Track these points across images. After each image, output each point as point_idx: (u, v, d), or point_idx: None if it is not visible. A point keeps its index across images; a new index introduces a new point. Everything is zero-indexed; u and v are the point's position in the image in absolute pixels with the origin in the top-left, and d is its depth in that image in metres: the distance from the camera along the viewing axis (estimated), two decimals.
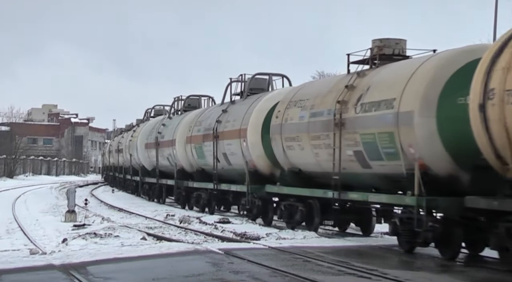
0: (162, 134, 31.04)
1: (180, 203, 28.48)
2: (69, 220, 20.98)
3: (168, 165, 29.87)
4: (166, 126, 31.19)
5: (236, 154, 21.49)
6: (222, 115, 23.19)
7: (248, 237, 16.53)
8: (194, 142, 25.53)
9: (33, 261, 12.36)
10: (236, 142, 21.49)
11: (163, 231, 18.52)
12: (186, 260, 12.65)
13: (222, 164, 22.92)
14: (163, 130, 31.23)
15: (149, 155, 33.77)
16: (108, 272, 11.22)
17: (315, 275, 10.51)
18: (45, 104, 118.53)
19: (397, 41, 15.93)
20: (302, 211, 17.54)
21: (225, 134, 22.51)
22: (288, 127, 17.80)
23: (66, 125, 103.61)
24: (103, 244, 15.10)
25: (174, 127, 29.19)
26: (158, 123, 32.95)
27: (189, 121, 27.13)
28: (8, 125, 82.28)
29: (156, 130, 32.08)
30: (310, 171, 17.34)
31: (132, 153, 38.10)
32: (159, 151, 31.17)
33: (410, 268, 11.69)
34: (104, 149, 66.97)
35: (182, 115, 30.02)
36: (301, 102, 17.53)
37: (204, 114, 25.94)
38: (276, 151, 18.73)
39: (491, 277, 11.17)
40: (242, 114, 21.38)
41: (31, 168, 75.12)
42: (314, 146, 16.55)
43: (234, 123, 21.86)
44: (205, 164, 24.67)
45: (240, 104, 22.88)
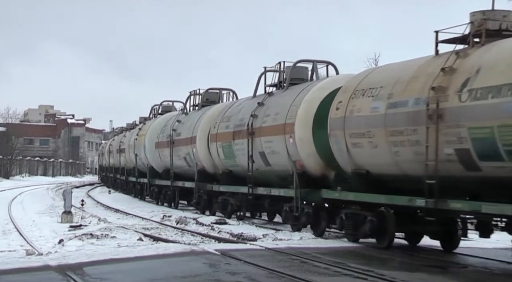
0: (178, 132, 27.94)
1: (200, 207, 25.32)
2: (66, 221, 20.95)
3: (185, 166, 27.19)
4: (182, 123, 28.02)
5: (279, 152, 18.47)
6: (259, 109, 20.03)
7: (244, 238, 16.53)
8: (221, 139, 22.41)
9: (30, 262, 12.34)
10: (278, 139, 18.42)
11: (159, 232, 18.52)
12: (182, 261, 12.65)
13: (258, 164, 19.87)
14: (178, 128, 28.16)
15: (160, 154, 30.62)
16: (104, 273, 11.21)
17: (312, 276, 10.51)
18: (42, 105, 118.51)
19: (504, 13, 12.97)
20: (372, 221, 14.35)
21: (263, 130, 19.39)
22: (354, 121, 14.82)
23: (63, 126, 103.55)
24: (99, 245, 15.08)
25: (192, 123, 26.16)
26: (171, 120, 29.84)
27: (213, 116, 24.09)
28: (5, 126, 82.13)
29: (170, 128, 28.95)
30: (382, 173, 14.33)
31: (139, 153, 35.03)
32: (174, 150, 28.09)
33: (406, 269, 11.70)
34: (102, 149, 62.23)
35: (202, 110, 26.64)
36: (372, 91, 14.50)
37: (233, 109, 22.72)
38: (335, 149, 15.73)
39: (487, 278, 11.18)
40: (286, 106, 18.31)
41: (27, 168, 75.08)
42: (394, 143, 13.51)
43: (276, 117, 18.80)
44: (235, 164, 21.73)
45: (280, 96, 19.75)
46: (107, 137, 69.12)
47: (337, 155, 15.77)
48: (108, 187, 50.65)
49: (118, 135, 49.37)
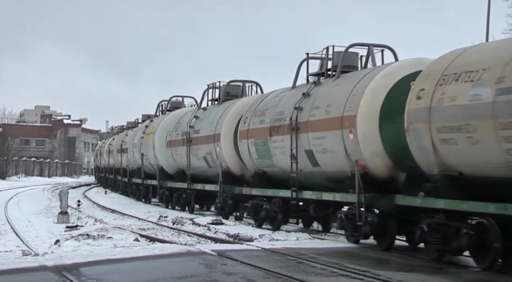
0: (196, 129, 25.18)
1: (224, 213, 22.61)
2: (62, 221, 20.93)
3: (204, 167, 24.57)
4: (200, 119, 25.22)
5: (333, 151, 15.70)
6: (304, 101, 17.32)
7: (241, 239, 16.53)
8: (254, 136, 19.68)
9: (26, 262, 12.33)
10: (333, 135, 15.61)
11: (156, 233, 18.50)
12: (179, 261, 12.64)
13: (303, 164, 17.15)
14: (196, 124, 25.34)
15: (173, 154, 27.83)
16: (101, 273, 11.21)
17: (308, 277, 10.51)
18: (38, 106, 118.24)
19: None
20: (469, 235, 11.83)
21: (311, 125, 16.67)
22: (445, 112, 12.15)
23: (59, 126, 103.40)
24: (96, 245, 15.07)
25: (214, 119, 23.41)
26: (186, 117, 27.22)
27: (241, 111, 21.74)
28: (0, 127, 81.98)
29: (186, 125, 26.13)
30: (484, 175, 11.67)
31: (145, 153, 32.12)
32: (191, 149, 25.32)
33: (403, 270, 11.71)
34: (100, 148, 58.94)
35: (225, 105, 23.91)
36: (470, 75, 11.84)
37: (268, 101, 19.98)
38: (415, 146, 12.94)
39: (483, 278, 11.19)
40: (342, 97, 15.61)
41: (23, 169, 74.97)
42: (506, 138, 10.89)
43: (329, 109, 16.03)
44: (271, 164, 19.06)
45: (332, 85, 16.98)
46: (103, 138, 68.67)
47: (416, 153, 12.96)
48: (104, 188, 50.59)
49: (118, 134, 47.31)
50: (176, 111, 30.97)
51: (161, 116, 32.64)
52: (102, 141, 64.14)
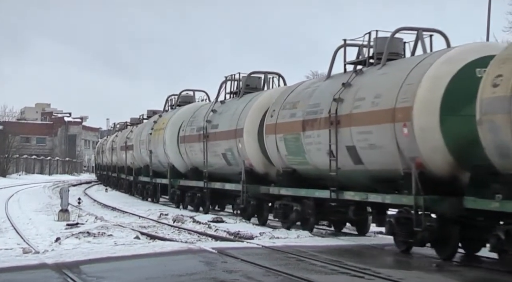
0: (214, 124, 23.27)
1: (246, 215, 20.84)
2: (62, 219, 20.94)
3: (222, 164, 22.72)
4: (219, 113, 23.36)
5: (381, 147, 13.95)
6: (345, 91, 15.46)
7: (241, 236, 16.53)
8: (283, 131, 17.95)
9: (26, 260, 12.33)
10: (382, 129, 13.84)
11: (156, 230, 18.51)
12: (179, 259, 12.65)
13: (343, 162, 15.40)
14: (214, 119, 23.45)
15: (187, 151, 26.05)
16: (101, 271, 11.21)
17: (309, 274, 10.52)
18: (38, 103, 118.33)
19: None
20: None
21: (355, 118, 14.86)
22: None
23: (59, 124, 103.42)
24: (96, 243, 15.08)
25: (236, 113, 21.52)
26: (201, 111, 25.48)
27: (266, 103, 20.03)
28: (1, 124, 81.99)
29: (202, 119, 24.27)
30: None
31: (154, 150, 30.42)
32: (209, 146, 23.43)
33: (403, 267, 11.72)
34: (102, 146, 56.72)
35: (246, 97, 22.12)
36: None
37: (300, 93, 18.04)
38: (490, 141, 11.17)
39: (484, 276, 11.20)
40: (393, 86, 13.70)
41: (24, 167, 74.97)
42: None
43: (376, 101, 14.17)
44: (303, 162, 17.25)
45: (377, 74, 15.03)
46: (104, 135, 68.43)
47: (491, 148, 11.17)
48: (105, 186, 50.58)
49: (122, 131, 45.88)
50: (188, 105, 29.24)
51: (171, 111, 30.82)
52: (104, 138, 62.18)
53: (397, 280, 10.07)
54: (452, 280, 10.27)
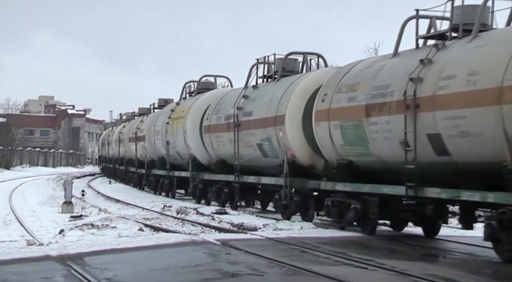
0: (247, 111, 20.83)
1: (287, 212, 18.35)
2: (66, 211, 20.97)
3: (256, 155, 20.28)
4: (252, 99, 20.93)
5: (481, 134, 11.74)
6: (425, 70, 13.26)
7: (245, 228, 16.54)
8: (339, 117, 15.68)
9: (30, 252, 12.37)
10: (482, 113, 11.63)
11: (160, 222, 18.54)
12: (183, 251, 12.67)
13: (421, 153, 13.23)
14: (247, 105, 21.00)
15: (212, 141, 23.66)
16: (105, 263, 11.23)
17: (312, 266, 10.52)
18: (42, 96, 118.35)
19: None
20: None
21: (441, 100, 12.61)
22: None
23: (63, 116, 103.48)
24: (100, 235, 15.10)
25: (275, 99, 19.09)
26: (231, 97, 22.97)
27: (312, 87, 17.91)
28: (5, 117, 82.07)
29: (232, 106, 21.76)
30: None
31: (173, 140, 28.12)
32: (241, 135, 21.03)
33: (406, 259, 11.71)
34: (108, 137, 53.86)
35: (285, 81, 19.78)
36: None
37: (358, 74, 15.66)
38: None
39: (488, 267, 11.20)
40: (497, 61, 11.57)
41: (28, 159, 75.08)
42: None
43: (473, 79, 11.92)
44: (365, 153, 14.89)
45: (469, 47, 12.82)
46: (107, 127, 68.14)
47: None
48: (108, 178, 50.62)
49: (129, 121, 43.92)
50: (212, 92, 27.02)
51: (191, 99, 28.30)
52: (109, 129, 60.22)
53: (400, 271, 10.07)
54: (456, 271, 10.26)
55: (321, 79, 17.69)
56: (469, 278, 9.66)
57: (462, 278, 9.61)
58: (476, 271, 10.52)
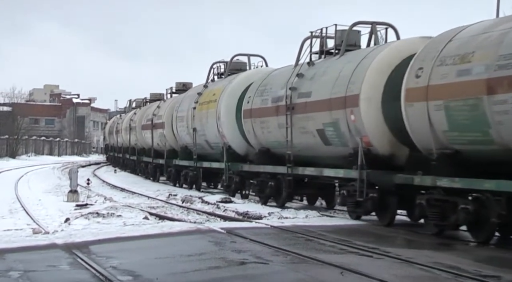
0: (304, 92, 17.69)
1: (361, 211, 15.47)
2: (72, 200, 21.01)
3: (315, 143, 17.14)
4: (309, 78, 17.77)
5: None
6: None
7: (250, 216, 16.55)
8: (445, 96, 12.61)
9: (36, 240, 12.40)
10: None
11: (165, 211, 18.57)
12: (188, 239, 12.68)
13: None
14: (303, 85, 17.85)
15: (255, 127, 20.39)
16: (110, 251, 11.25)
17: (317, 254, 10.52)
18: (47, 85, 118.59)
19: None
20: None
21: None
22: None
23: (68, 105, 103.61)
24: (105, 224, 15.13)
25: (343, 76, 16.00)
26: (278, 77, 19.84)
27: (394, 61, 15.06)
28: (10, 106, 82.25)
29: (283, 86, 18.66)
30: None
31: (201, 127, 25.05)
32: (295, 120, 17.90)
33: (412, 247, 11.70)
34: (116, 125, 50.67)
35: (352, 55, 16.86)
36: None
37: (467, 42, 12.70)
38: None
39: (494, 255, 11.18)
40: None
41: (33, 148, 75.23)
42: None
43: None
44: (483, 140, 12.02)
45: None
46: (112, 116, 67.97)
47: None
48: (114, 166, 50.63)
49: (141, 108, 41.22)
50: (250, 71, 24.28)
51: (223, 80, 25.07)
52: (116, 116, 57.14)
53: (406, 259, 10.06)
54: (462, 259, 10.25)
55: (405, 51, 14.99)
56: (475, 266, 9.65)
57: (467, 266, 9.60)
58: (482, 259, 10.51)
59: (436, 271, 9.24)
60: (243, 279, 8.94)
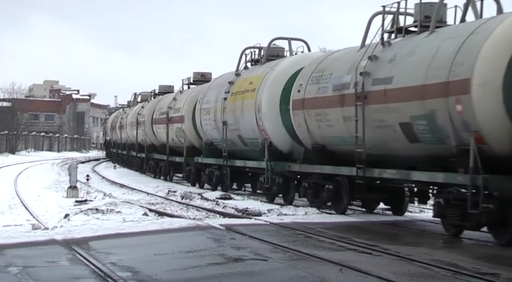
0: (380, 78, 14.43)
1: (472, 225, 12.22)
2: (71, 196, 21.02)
3: (395, 139, 14.11)
4: (387, 60, 14.53)
5: None
6: None
7: (249, 213, 16.56)
8: None
9: (35, 236, 12.42)
10: None
11: (164, 207, 18.57)
12: (187, 235, 12.68)
13: None
14: (378, 69, 14.62)
15: (308, 120, 17.24)
16: (109, 247, 11.26)
17: (316, 251, 10.53)
18: (47, 80, 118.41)
19: None
20: None
21: None
22: None
23: (68, 101, 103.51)
24: (105, 220, 15.14)
25: (440, 56, 12.99)
26: (342, 60, 16.65)
27: None
28: (10, 101, 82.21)
29: (347, 72, 15.75)
30: None
31: (234, 121, 21.83)
32: (367, 112, 14.72)
33: (411, 244, 11.71)
34: (121, 120, 47.30)
35: (447, 32, 13.75)
36: None
37: None
38: None
39: (493, 253, 11.19)
40: None
41: (33, 144, 75.26)
42: None
43: None
44: None
45: None
46: (112, 112, 67.75)
47: None
48: (113, 162, 50.59)
49: (149, 101, 38.49)
50: (298, 56, 21.10)
51: (260, 67, 21.84)
52: (119, 111, 54.27)
53: (405, 256, 10.07)
54: (461, 256, 10.26)
55: None
56: (474, 263, 9.66)
57: (466, 263, 9.61)
58: (481, 256, 10.52)
59: (435, 268, 9.25)
60: (242, 276, 8.95)
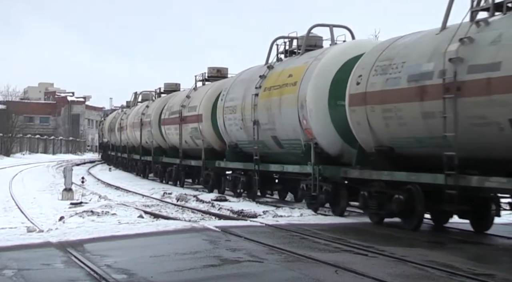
0: (478, 64, 11.80)
1: None
2: (66, 198, 21.00)
3: (495, 138, 11.54)
4: (488, 43, 11.82)
5: None
6: None
7: (245, 215, 16.56)
8: None
9: (30, 238, 12.39)
10: None
11: (160, 209, 18.56)
12: (183, 237, 12.68)
13: None
14: (478, 54, 11.90)
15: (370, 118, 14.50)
16: (105, 249, 11.25)
17: (312, 252, 10.53)
18: (41, 83, 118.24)
19: None
20: None
21: None
22: None
23: (63, 103, 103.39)
24: (100, 222, 15.12)
25: None
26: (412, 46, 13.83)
27: None
28: (4, 104, 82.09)
29: (427, 59, 13.01)
30: None
31: (269, 119, 19.07)
32: (461, 108, 12.07)
33: (406, 245, 11.72)
34: (121, 121, 44.03)
35: None
36: None
37: None
38: None
39: (487, 253, 11.21)
40: None
41: (28, 146, 75.15)
42: None
43: None
44: None
45: None
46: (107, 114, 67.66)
47: None
48: (108, 164, 50.55)
49: (153, 100, 36.25)
50: (347, 44, 18.36)
51: (300, 58, 19.06)
52: (117, 112, 51.52)
53: (400, 258, 10.08)
54: (456, 257, 10.27)
55: None
56: (469, 264, 9.67)
57: (461, 264, 9.62)
58: (476, 257, 10.54)
59: (430, 269, 9.26)
60: (237, 278, 8.95)
